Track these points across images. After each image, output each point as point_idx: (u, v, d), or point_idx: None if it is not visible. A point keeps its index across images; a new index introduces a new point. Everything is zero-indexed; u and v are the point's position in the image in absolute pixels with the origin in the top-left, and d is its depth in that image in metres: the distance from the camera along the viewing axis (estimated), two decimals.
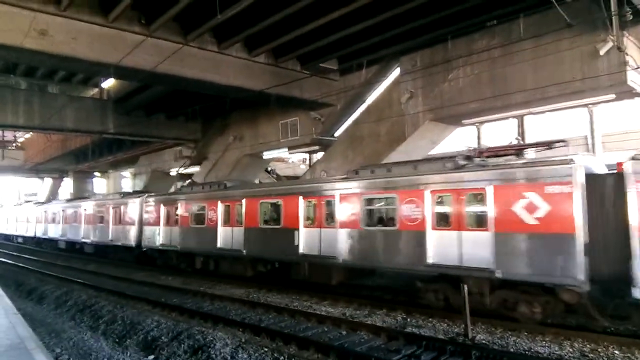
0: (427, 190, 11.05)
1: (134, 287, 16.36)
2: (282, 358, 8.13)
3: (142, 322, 10.71)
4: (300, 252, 13.78)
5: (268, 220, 15.50)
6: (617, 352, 8.17)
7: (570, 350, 8.36)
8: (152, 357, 8.88)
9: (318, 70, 21.60)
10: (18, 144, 46.81)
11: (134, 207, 21.85)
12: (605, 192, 9.10)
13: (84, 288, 16.09)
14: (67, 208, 29.71)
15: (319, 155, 28.21)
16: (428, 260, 10.86)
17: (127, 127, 26.83)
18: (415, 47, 18.61)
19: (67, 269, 21.80)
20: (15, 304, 11.34)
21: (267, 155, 28.25)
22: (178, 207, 18.75)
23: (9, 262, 25.06)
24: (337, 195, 13.00)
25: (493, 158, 11.04)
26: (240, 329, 10.18)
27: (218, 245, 16.60)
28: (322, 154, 25.99)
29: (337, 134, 24.10)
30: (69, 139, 37.71)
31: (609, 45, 13.15)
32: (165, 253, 19.72)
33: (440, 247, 10.74)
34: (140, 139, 32.78)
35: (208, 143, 31.40)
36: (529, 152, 11.10)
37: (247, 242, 15.55)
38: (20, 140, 46.89)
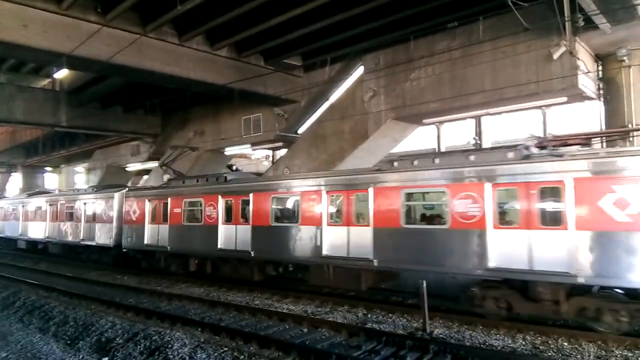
0: (487, 184, 9.70)
1: (87, 286, 15.74)
2: (242, 357, 8.00)
3: (95, 323, 10.30)
4: (324, 253, 12.17)
5: (282, 218, 13.94)
6: (565, 344, 8.54)
7: (523, 343, 8.67)
8: (106, 359, 8.55)
9: (282, 66, 21.47)
10: None
11: (112, 202, 19.52)
12: None
13: (34, 288, 15.33)
14: (28, 204, 26.99)
15: (283, 152, 28.05)
16: (489, 264, 9.52)
17: (81, 119, 25.69)
18: (378, 46, 18.80)
19: (15, 269, 20.69)
20: None
21: (229, 151, 27.82)
22: (168, 202, 16.67)
23: None
24: (370, 190, 11.47)
25: (563, 148, 9.78)
26: (199, 329, 9.96)
27: (219, 246, 14.77)
28: (285, 151, 25.85)
29: (300, 131, 24.05)
30: (18, 131, 35.87)
31: (562, 50, 13.71)
32: (152, 254, 17.60)
33: (505, 248, 9.40)
34: (96, 133, 31.54)
35: (167, 138, 30.56)
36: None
37: (255, 242, 13.78)
38: None
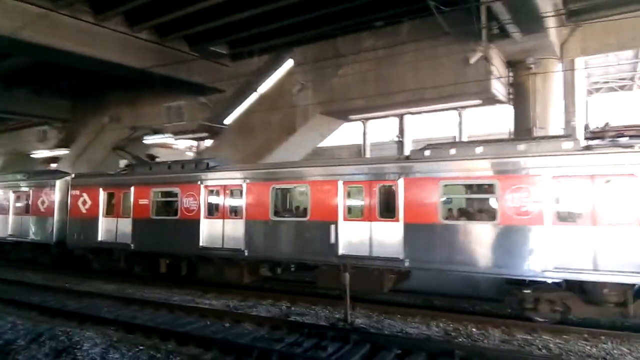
0: (542, 176, 8.90)
1: None
2: (159, 355, 7.67)
3: None
4: (340, 252, 10.69)
5: (284, 211, 12.52)
6: (474, 329, 9.16)
7: (436, 330, 9.18)
8: None
9: (208, 54, 20.77)
10: None
11: (53, 191, 16.67)
12: None
13: None
14: None
15: (209, 143, 27.24)
16: (548, 265, 8.69)
17: None
18: (307, 40, 18.86)
19: None
20: None
21: (148, 140, 26.43)
22: (131, 192, 14.17)
23: None
24: (400, 181, 10.16)
25: (621, 138, 9.08)
26: (112, 328, 9.38)
27: (201, 244, 12.76)
28: (211, 142, 25.12)
29: (227, 122, 23.45)
30: None
31: (478, 55, 14.65)
32: (108, 253, 15.09)
33: (565, 247, 8.63)
34: None
35: (79, 123, 28.51)
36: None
37: (250, 239, 12.01)
38: None
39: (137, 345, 8.07)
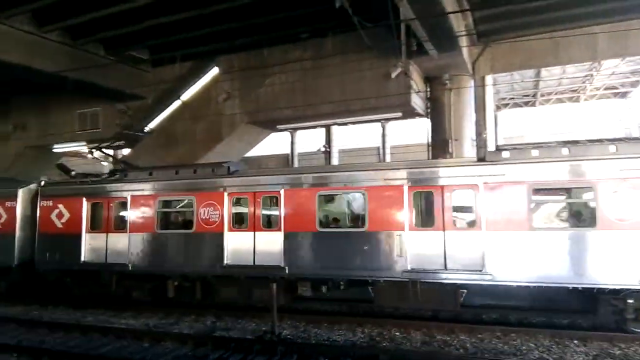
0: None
1: None
2: None
3: None
4: (409, 267, 9.72)
5: (333, 221, 11.11)
6: (397, 333, 9.47)
7: (362, 336, 9.36)
8: None
9: (126, 59, 19.77)
10: None
11: (14, 203, 13.71)
12: None
13: None
14: None
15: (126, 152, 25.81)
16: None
17: None
18: (232, 49, 18.63)
19: None
20: None
21: (58, 149, 24.57)
22: (127, 202, 12.25)
23: None
24: (481, 186, 9.41)
25: None
26: (15, 354, 8.50)
27: (225, 262, 11.13)
28: (129, 151, 23.83)
29: (147, 130, 22.37)
30: None
31: (399, 70, 15.35)
32: (94, 276, 12.64)
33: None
34: None
35: None
36: None
37: (291, 254, 10.61)
38: None
39: None
